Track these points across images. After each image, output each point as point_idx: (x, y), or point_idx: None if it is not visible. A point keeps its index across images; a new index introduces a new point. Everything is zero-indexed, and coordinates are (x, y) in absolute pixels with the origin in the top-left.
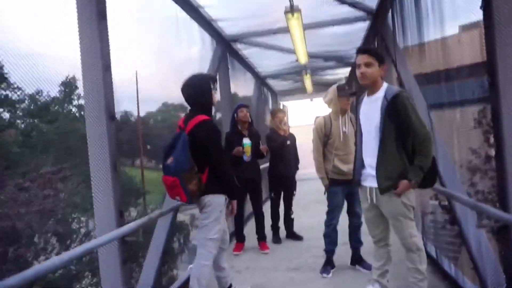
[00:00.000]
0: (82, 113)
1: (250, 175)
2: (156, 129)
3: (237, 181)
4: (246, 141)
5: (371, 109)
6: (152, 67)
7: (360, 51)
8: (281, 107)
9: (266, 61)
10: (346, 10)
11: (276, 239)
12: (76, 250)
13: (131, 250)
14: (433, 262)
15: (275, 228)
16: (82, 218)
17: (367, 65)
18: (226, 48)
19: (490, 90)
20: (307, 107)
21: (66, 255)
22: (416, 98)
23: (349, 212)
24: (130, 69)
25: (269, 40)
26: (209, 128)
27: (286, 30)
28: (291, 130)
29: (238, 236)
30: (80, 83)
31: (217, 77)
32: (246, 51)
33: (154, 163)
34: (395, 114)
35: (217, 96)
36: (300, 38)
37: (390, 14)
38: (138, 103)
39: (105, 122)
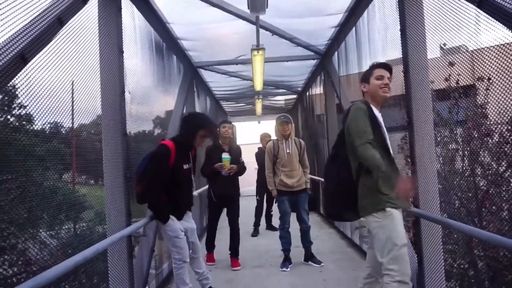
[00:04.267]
0: (23, 123)
1: (227, 191)
2: (88, 142)
3: (213, 195)
4: (225, 155)
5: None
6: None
7: (386, 66)
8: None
9: (223, 85)
10: (299, 50)
11: (255, 233)
12: (91, 249)
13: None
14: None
15: (256, 224)
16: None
17: (388, 79)
18: (193, 73)
19: (408, 128)
20: (254, 129)
21: (80, 256)
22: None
23: (298, 219)
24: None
25: (230, 68)
26: (156, 152)
27: (247, 61)
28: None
29: (208, 245)
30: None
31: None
32: (208, 77)
33: (84, 178)
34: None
35: (203, 143)
36: (260, 71)
37: (335, 54)
38: (73, 115)
39: (120, 138)
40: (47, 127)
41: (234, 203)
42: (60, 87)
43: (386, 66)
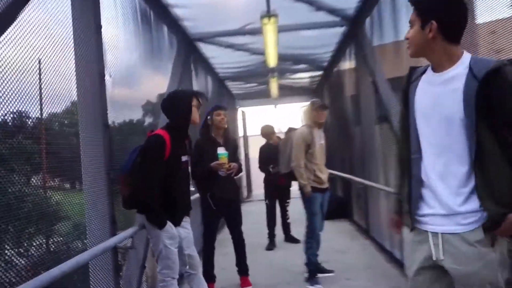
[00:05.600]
0: None
1: (227, 195)
2: (61, 136)
3: (212, 202)
4: (222, 151)
5: (441, 96)
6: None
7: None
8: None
9: (228, 61)
10: (322, 15)
11: (271, 246)
12: (68, 264)
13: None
14: None
15: (271, 235)
16: None
17: (410, 24)
18: (189, 48)
19: None
20: (270, 115)
21: (56, 270)
22: (390, 103)
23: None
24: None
25: (235, 40)
26: (148, 144)
27: (257, 31)
28: (250, 140)
29: (206, 274)
30: None
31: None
32: (208, 51)
33: (58, 181)
34: (497, 102)
35: (197, 114)
36: (274, 43)
37: (368, 20)
38: (41, 102)
39: (101, 130)
40: (8, 118)
41: (235, 209)
42: (24, 67)
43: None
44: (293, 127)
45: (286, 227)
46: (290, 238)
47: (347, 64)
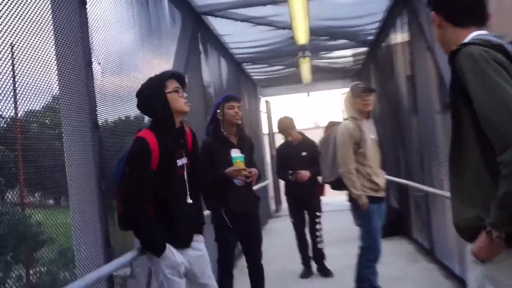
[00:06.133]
0: None
1: (244, 208)
2: (41, 139)
3: (228, 217)
4: (237, 153)
5: None
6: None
7: None
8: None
9: (245, 39)
10: None
11: (306, 273)
12: None
13: None
14: None
15: (305, 259)
16: None
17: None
18: (197, 24)
19: None
20: (302, 105)
21: None
22: None
23: None
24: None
25: (254, 12)
26: (131, 150)
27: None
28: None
29: None
30: None
31: (185, 67)
32: (221, 28)
33: (39, 196)
34: (460, 91)
35: (182, 99)
36: (304, 13)
37: None
38: (15, 98)
39: (89, 131)
40: None
41: (253, 225)
42: None
43: None
44: (335, 121)
45: (317, 253)
46: (322, 269)
47: (399, 37)
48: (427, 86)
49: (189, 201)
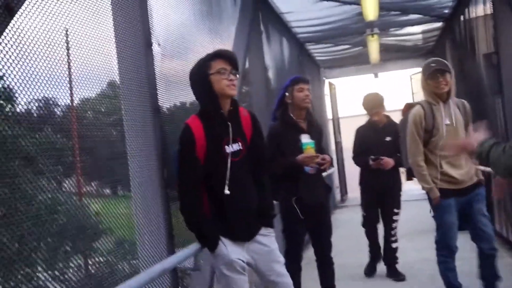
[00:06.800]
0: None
1: (317, 198)
2: (97, 127)
3: (299, 208)
4: (307, 139)
5: None
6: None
7: None
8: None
9: (309, 17)
10: None
11: (370, 270)
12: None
13: None
14: None
15: (374, 256)
16: None
17: None
18: (257, 2)
19: None
20: (369, 87)
21: None
22: None
23: (473, 236)
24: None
25: None
26: (180, 137)
27: None
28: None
29: None
30: None
31: (243, 47)
32: (283, 5)
33: (96, 185)
34: None
35: (226, 80)
36: None
37: None
38: (71, 85)
39: (150, 117)
40: (33, 107)
41: (324, 216)
42: (46, 40)
43: None
44: (414, 103)
45: (389, 254)
46: (393, 272)
47: (480, 9)
48: None
49: (248, 189)
